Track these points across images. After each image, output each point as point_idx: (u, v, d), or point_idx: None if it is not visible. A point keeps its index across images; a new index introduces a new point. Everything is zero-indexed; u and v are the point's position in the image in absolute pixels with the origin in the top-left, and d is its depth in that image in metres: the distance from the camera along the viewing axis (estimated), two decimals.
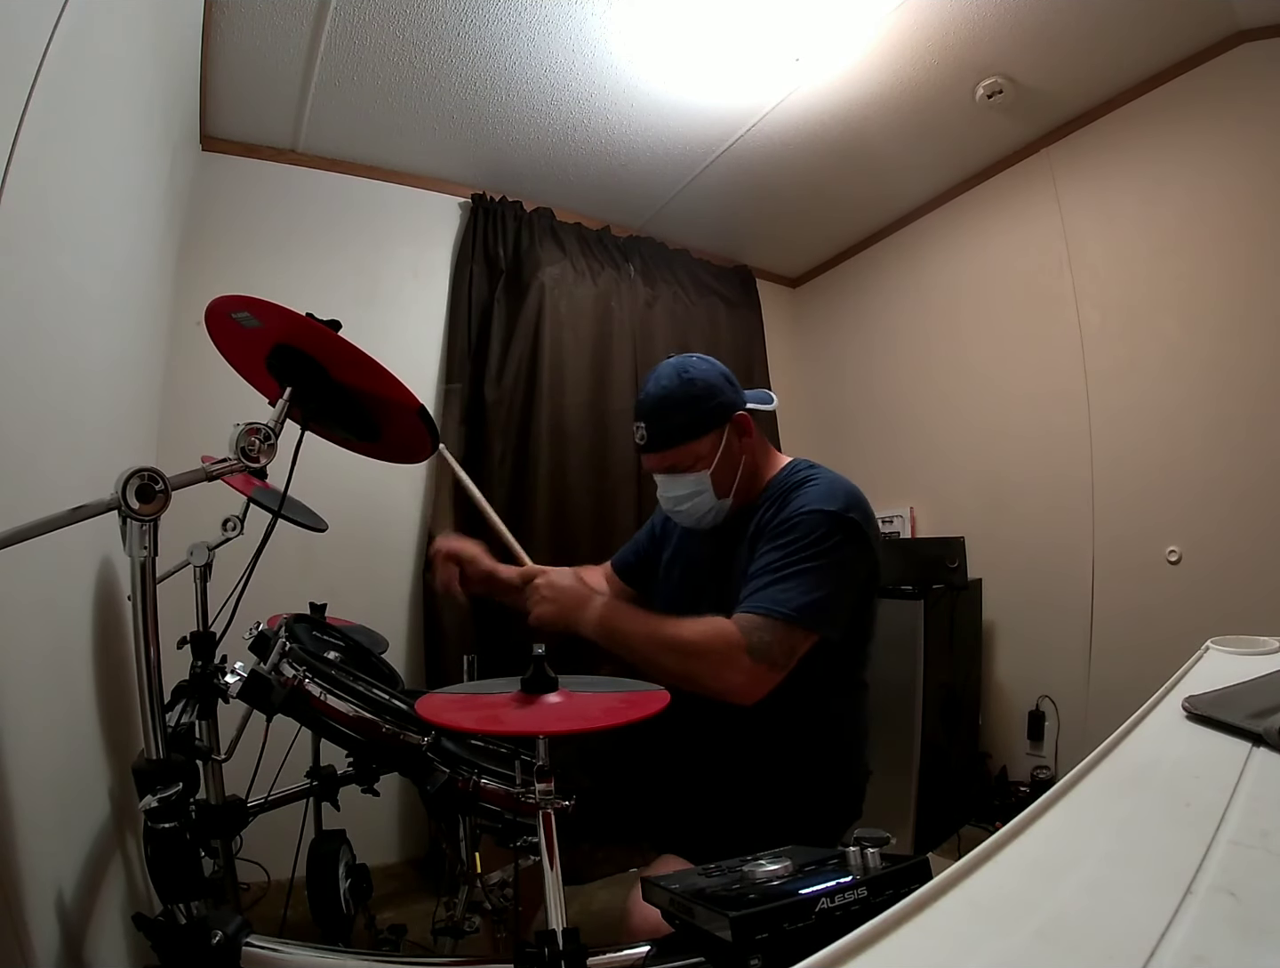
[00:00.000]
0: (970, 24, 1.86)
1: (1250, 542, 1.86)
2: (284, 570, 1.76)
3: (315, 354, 0.87)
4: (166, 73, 1.57)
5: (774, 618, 1.00)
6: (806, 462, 1.23)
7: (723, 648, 0.99)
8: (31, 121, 0.75)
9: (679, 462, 1.17)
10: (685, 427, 1.16)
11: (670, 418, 1.16)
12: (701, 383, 1.17)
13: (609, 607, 1.09)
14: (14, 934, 0.69)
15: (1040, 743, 2.29)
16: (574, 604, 1.09)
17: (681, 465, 1.17)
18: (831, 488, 1.12)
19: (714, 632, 1.01)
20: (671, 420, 1.16)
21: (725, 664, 0.99)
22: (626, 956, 0.74)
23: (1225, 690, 0.65)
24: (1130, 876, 0.38)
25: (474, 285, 2.46)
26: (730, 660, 0.99)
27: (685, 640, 1.02)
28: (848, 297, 3.17)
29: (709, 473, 1.16)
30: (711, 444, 1.16)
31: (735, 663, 0.99)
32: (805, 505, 1.08)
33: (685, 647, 1.01)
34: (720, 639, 1.00)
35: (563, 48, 1.92)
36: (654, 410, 1.17)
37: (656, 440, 1.17)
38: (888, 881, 0.62)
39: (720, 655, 0.99)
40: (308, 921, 1.12)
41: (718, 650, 1.00)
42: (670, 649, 1.02)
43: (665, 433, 1.16)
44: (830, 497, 1.09)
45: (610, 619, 1.07)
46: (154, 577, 0.70)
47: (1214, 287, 1.97)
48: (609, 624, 1.07)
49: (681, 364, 1.19)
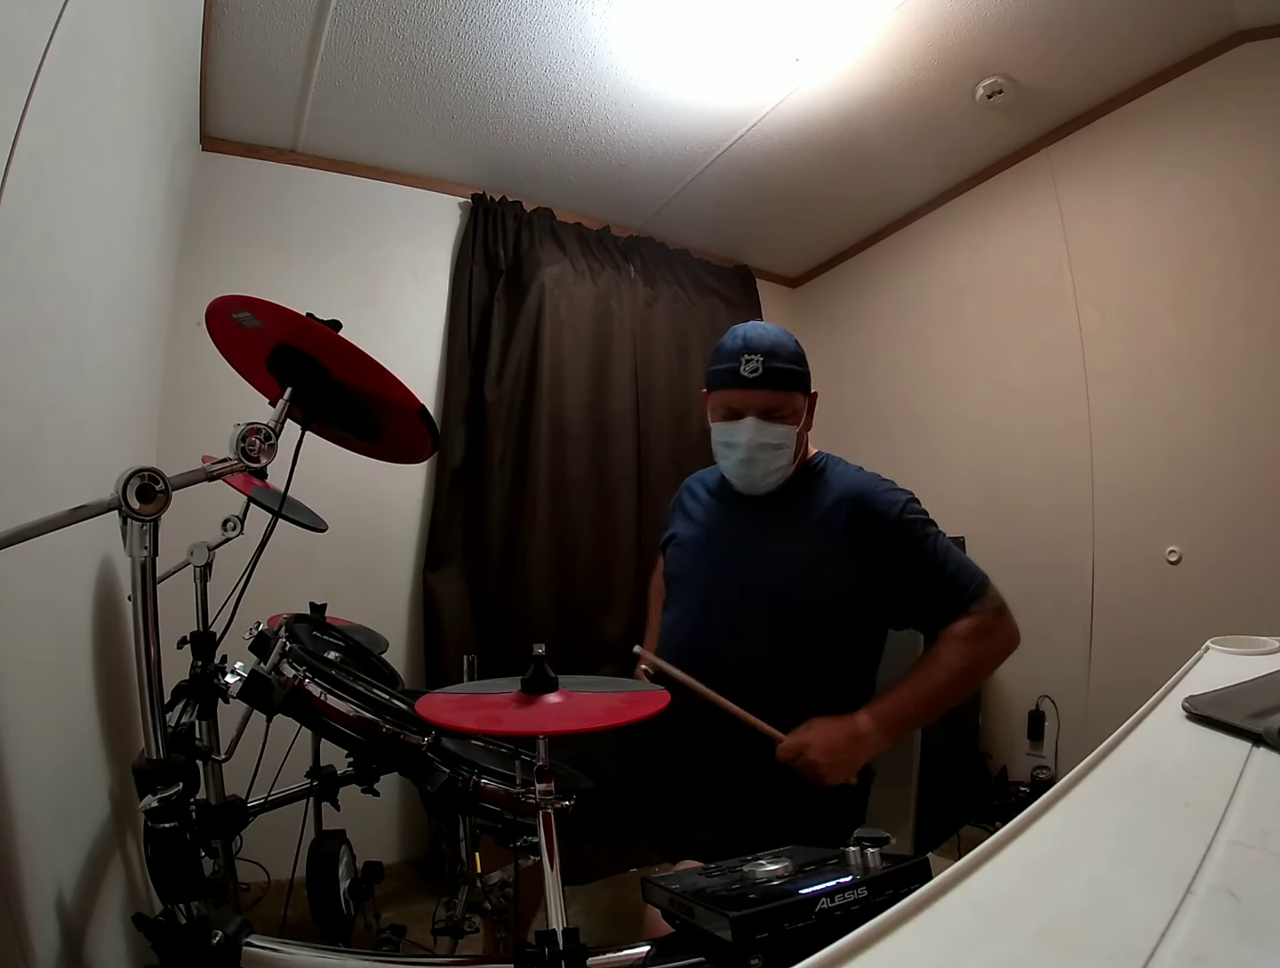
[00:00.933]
0: (970, 24, 1.86)
1: (1250, 542, 1.85)
2: (284, 570, 1.75)
3: (316, 354, 0.87)
4: (166, 73, 1.57)
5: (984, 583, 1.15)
6: (828, 455, 1.31)
7: (991, 631, 1.12)
8: (32, 121, 0.75)
9: (783, 406, 1.16)
10: (798, 377, 1.18)
11: (788, 362, 1.17)
12: (802, 352, 1.22)
13: (882, 720, 1.09)
14: (14, 934, 0.69)
15: (1040, 743, 2.29)
16: (858, 751, 1.09)
17: (783, 411, 1.17)
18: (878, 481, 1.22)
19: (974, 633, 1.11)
20: (791, 368, 1.17)
21: (1001, 638, 1.14)
22: (626, 956, 0.74)
23: (1225, 690, 0.65)
24: (1130, 876, 0.38)
25: (474, 285, 2.46)
26: (1001, 632, 1.13)
27: (965, 665, 1.11)
28: (848, 297, 3.16)
29: (797, 431, 1.19)
30: (807, 406, 1.22)
31: (1004, 631, 1.14)
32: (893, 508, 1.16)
33: (969, 666, 1.12)
34: (982, 630, 1.11)
35: (563, 48, 1.92)
36: (773, 349, 1.15)
37: (772, 377, 1.14)
38: (888, 881, 0.62)
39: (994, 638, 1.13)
40: (308, 921, 1.11)
41: (990, 640, 1.12)
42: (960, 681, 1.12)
43: (782, 373, 1.16)
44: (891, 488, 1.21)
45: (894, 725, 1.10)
46: (154, 577, 0.70)
47: (1214, 286, 1.97)
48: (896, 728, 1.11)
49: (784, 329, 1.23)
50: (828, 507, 1.19)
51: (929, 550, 1.15)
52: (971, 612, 1.12)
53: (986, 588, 1.14)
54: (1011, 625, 1.15)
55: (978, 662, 1.13)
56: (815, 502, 1.21)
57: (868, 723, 1.08)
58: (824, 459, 1.29)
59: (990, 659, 1.15)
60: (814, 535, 1.18)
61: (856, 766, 1.09)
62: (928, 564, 1.14)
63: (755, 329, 1.19)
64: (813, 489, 1.23)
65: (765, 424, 1.16)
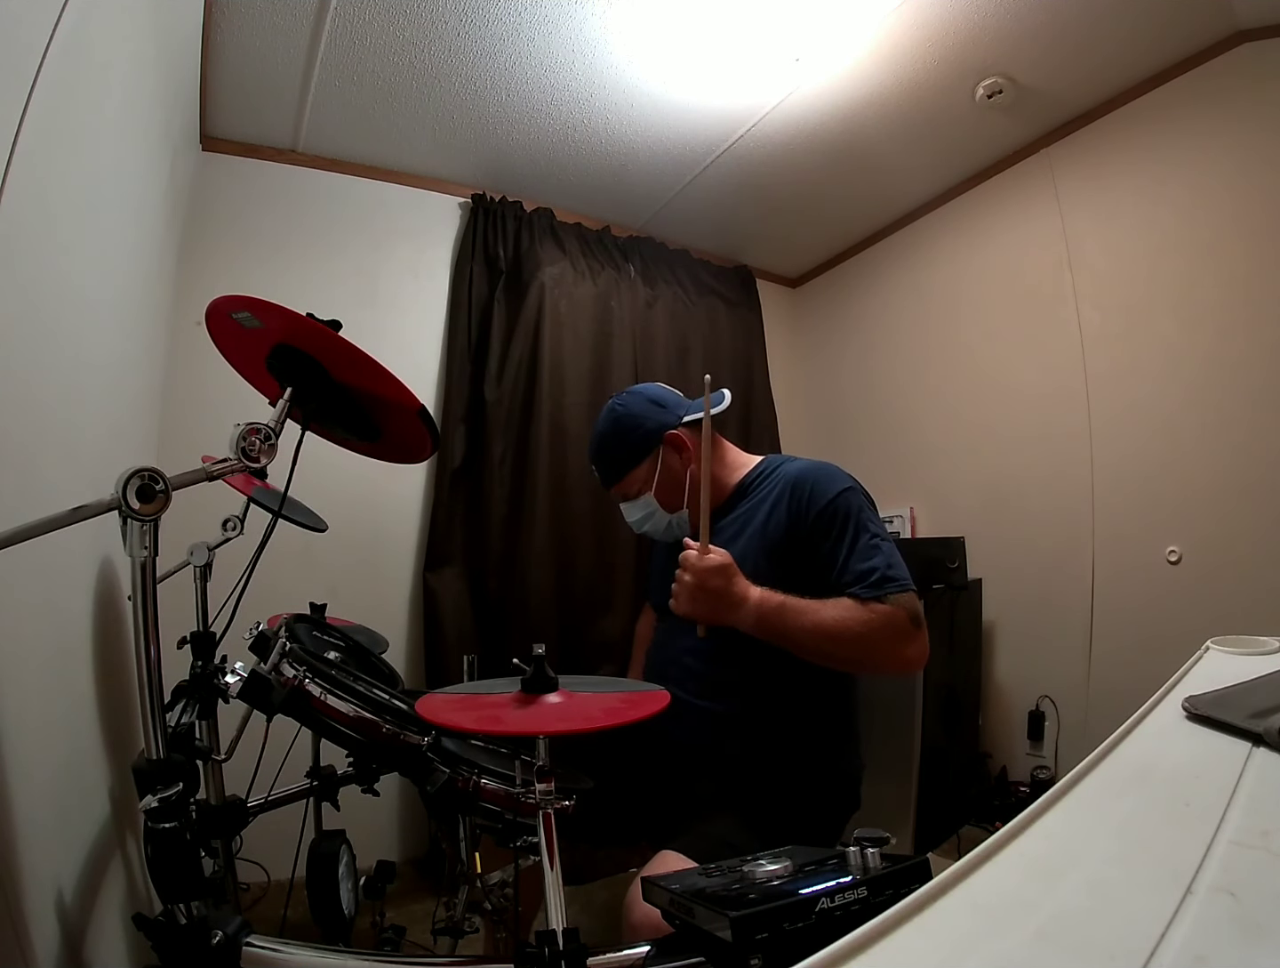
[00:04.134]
0: (970, 24, 1.86)
1: (1250, 542, 1.85)
2: (284, 570, 1.75)
3: (316, 354, 0.87)
4: (166, 73, 1.57)
5: (905, 590, 1.08)
6: (779, 457, 1.32)
7: (894, 629, 1.06)
8: (32, 121, 0.75)
9: (626, 490, 1.31)
10: (622, 460, 1.30)
11: (609, 455, 1.31)
12: (626, 417, 1.30)
13: (764, 607, 1.09)
14: (14, 934, 0.68)
15: (1040, 743, 2.29)
16: (725, 607, 1.11)
17: (630, 493, 1.31)
18: (825, 469, 1.20)
19: (878, 616, 1.06)
20: (611, 457, 1.31)
21: (902, 641, 1.07)
22: (626, 956, 0.74)
23: (1225, 690, 0.65)
24: (1130, 876, 0.38)
25: (474, 285, 2.46)
26: (905, 636, 1.07)
27: (855, 631, 1.06)
28: (848, 297, 3.16)
29: (652, 494, 1.29)
30: (649, 469, 1.29)
31: (909, 638, 1.07)
32: (830, 490, 1.15)
33: (858, 636, 1.06)
34: (887, 621, 1.06)
35: (563, 48, 1.92)
36: (597, 452, 1.33)
37: (605, 478, 1.33)
38: (888, 881, 0.62)
39: (895, 635, 1.07)
40: (308, 921, 1.11)
41: (890, 632, 1.06)
42: (841, 640, 1.07)
43: (608, 470, 1.32)
44: (834, 476, 1.18)
45: (769, 620, 1.09)
46: (154, 577, 0.70)
47: (1214, 286, 1.97)
48: (768, 625, 1.09)
49: (614, 403, 1.33)
50: (771, 502, 1.19)
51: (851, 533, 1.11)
52: (888, 602, 1.07)
53: (910, 594, 1.09)
54: (921, 644, 1.09)
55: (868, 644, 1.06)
56: (760, 501, 1.22)
57: (751, 605, 1.09)
58: (768, 463, 1.30)
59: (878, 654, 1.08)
60: (760, 535, 1.18)
61: (710, 617, 1.13)
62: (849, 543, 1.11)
63: (592, 434, 1.35)
64: (759, 491, 1.25)
65: (628, 505, 1.33)
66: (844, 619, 1.06)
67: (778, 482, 1.21)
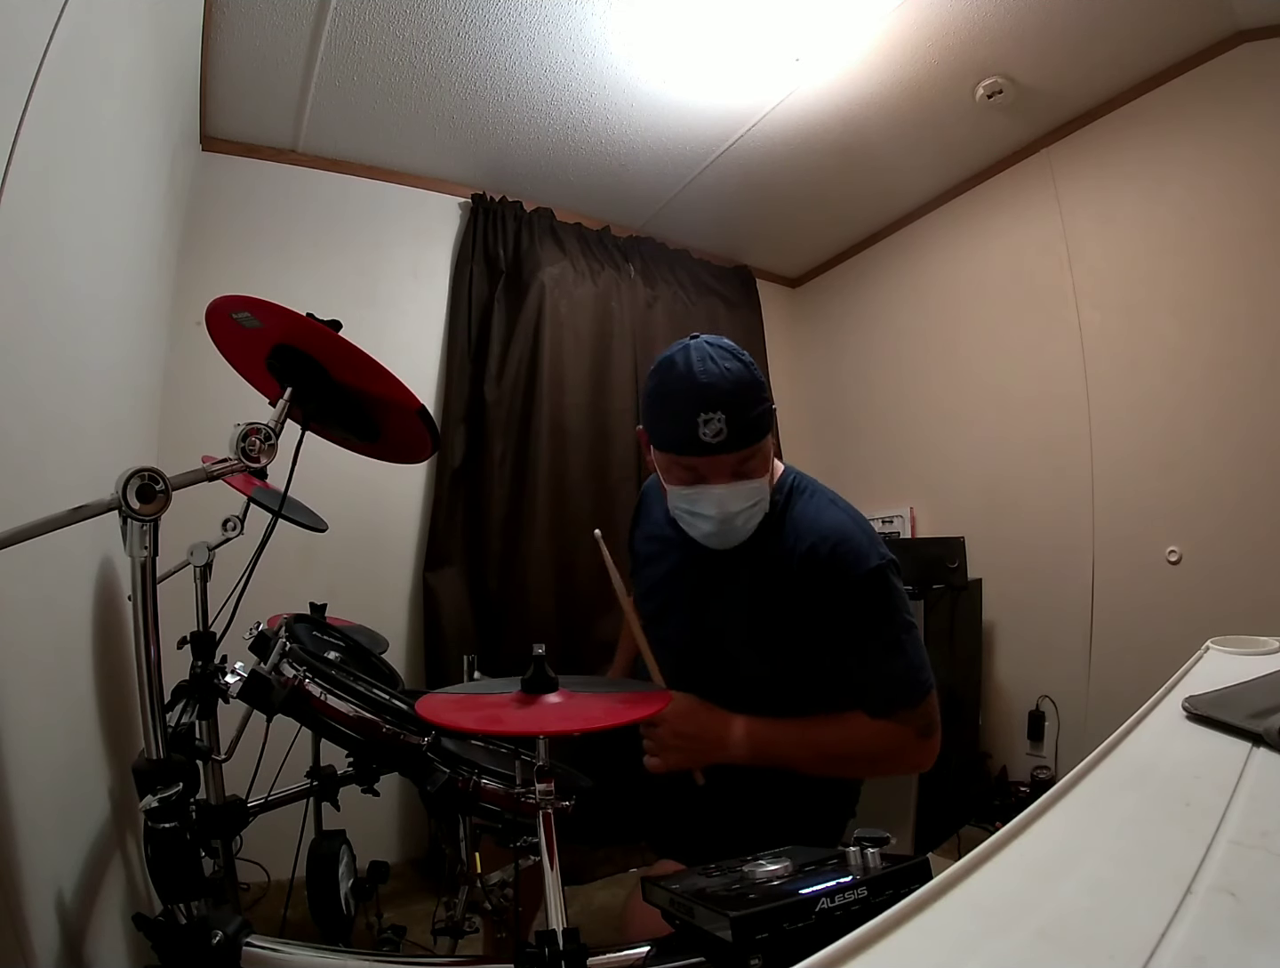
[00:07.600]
0: (970, 24, 1.86)
1: (1250, 542, 1.85)
2: (284, 570, 1.75)
3: (315, 354, 0.87)
4: (166, 73, 1.57)
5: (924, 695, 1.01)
6: (795, 474, 1.12)
7: (900, 746, 1.01)
8: (32, 122, 0.75)
9: (753, 457, 0.96)
10: (757, 421, 0.95)
11: (751, 408, 0.94)
12: (757, 372, 0.97)
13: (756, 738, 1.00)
14: (14, 934, 0.69)
15: (1040, 743, 2.29)
16: (707, 749, 0.99)
17: (753, 463, 0.96)
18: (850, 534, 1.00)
19: (885, 735, 1.00)
20: (752, 411, 0.94)
21: (908, 757, 1.04)
22: (626, 956, 0.74)
23: (1225, 690, 0.65)
24: (1130, 876, 0.38)
25: (474, 285, 2.46)
26: (911, 752, 1.02)
27: (860, 752, 1.02)
28: (848, 297, 3.16)
29: (766, 480, 1.00)
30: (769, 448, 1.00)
31: (916, 751, 1.02)
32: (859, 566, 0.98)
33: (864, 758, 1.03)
34: (893, 739, 1.01)
35: (563, 48, 1.92)
36: (737, 399, 0.92)
37: (740, 434, 0.93)
38: (888, 881, 0.62)
39: (901, 752, 1.03)
40: (308, 921, 1.11)
41: (895, 750, 1.02)
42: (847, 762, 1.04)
43: (749, 426, 0.94)
44: (867, 542, 1.00)
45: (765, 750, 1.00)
46: (154, 577, 0.70)
47: (1214, 286, 1.97)
48: (764, 756, 1.00)
49: (731, 346, 0.99)
50: (785, 563, 1.01)
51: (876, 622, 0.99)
52: (896, 719, 1.00)
53: (925, 700, 1.01)
54: (930, 750, 1.03)
55: (874, 762, 1.04)
56: (785, 549, 1.02)
57: (740, 738, 0.99)
58: (790, 484, 1.09)
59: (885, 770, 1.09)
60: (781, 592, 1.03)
61: (697, 763, 0.99)
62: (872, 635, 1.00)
63: (709, 369, 0.93)
64: (782, 530, 1.04)
65: (735, 486, 0.96)
66: (848, 740, 1.01)
67: (794, 532, 1.03)
